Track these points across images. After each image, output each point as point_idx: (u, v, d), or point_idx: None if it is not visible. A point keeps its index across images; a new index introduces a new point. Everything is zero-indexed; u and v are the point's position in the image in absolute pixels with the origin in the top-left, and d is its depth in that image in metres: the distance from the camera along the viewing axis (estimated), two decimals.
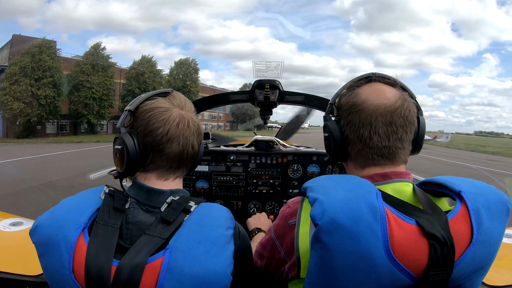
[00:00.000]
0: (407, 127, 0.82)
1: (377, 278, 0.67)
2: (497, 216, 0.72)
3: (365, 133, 0.82)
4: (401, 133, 0.82)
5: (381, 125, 0.81)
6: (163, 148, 0.84)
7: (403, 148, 0.84)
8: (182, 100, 0.90)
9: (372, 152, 0.83)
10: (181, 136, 0.86)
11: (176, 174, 0.90)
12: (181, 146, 0.86)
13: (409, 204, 0.74)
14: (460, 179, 0.79)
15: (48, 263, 0.74)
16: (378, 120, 0.81)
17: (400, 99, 0.82)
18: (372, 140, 0.82)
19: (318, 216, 0.69)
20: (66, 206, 0.80)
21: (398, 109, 0.81)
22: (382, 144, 0.82)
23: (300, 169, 2.02)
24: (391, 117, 0.81)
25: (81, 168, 10.67)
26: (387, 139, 0.82)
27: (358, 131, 0.83)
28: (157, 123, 0.83)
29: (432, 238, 0.67)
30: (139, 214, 0.81)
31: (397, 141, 0.82)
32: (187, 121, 0.87)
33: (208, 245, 0.74)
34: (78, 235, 0.74)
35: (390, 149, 0.82)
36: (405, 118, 0.82)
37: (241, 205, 2.03)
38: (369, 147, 0.83)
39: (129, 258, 0.72)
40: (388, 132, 0.81)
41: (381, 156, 0.83)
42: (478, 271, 0.72)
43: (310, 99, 1.87)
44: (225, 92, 1.97)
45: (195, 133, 0.89)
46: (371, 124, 0.82)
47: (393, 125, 0.81)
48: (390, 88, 0.85)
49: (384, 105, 0.81)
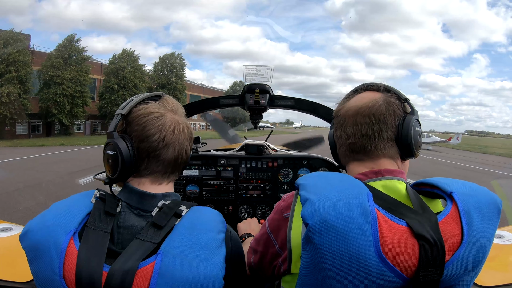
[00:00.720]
0: (374, 124, 0.85)
1: (368, 278, 0.67)
2: (488, 217, 0.73)
3: (338, 133, 0.93)
4: (366, 130, 0.86)
5: (348, 125, 0.89)
6: (159, 154, 0.84)
7: (375, 144, 0.86)
8: (174, 105, 0.90)
9: (344, 148, 0.91)
10: (176, 142, 0.86)
11: (170, 179, 0.90)
12: (177, 152, 0.87)
13: (400, 203, 0.75)
14: (453, 180, 0.80)
15: (38, 269, 0.74)
16: (346, 121, 0.89)
17: (373, 101, 0.87)
18: (342, 138, 0.91)
19: (308, 216, 0.69)
20: (56, 210, 0.80)
21: (368, 108, 0.86)
22: (349, 141, 0.89)
23: (291, 173, 2.02)
24: (356, 116, 0.87)
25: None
26: (352, 136, 0.88)
27: (336, 133, 0.94)
28: (153, 129, 0.83)
29: (421, 239, 0.68)
30: (130, 218, 0.80)
31: (363, 137, 0.86)
32: (182, 126, 0.88)
33: (200, 249, 0.74)
34: (69, 240, 0.73)
35: (357, 145, 0.88)
36: (372, 116, 0.85)
37: (231, 209, 2.02)
38: (341, 145, 0.92)
39: (121, 263, 0.71)
40: (354, 130, 0.87)
41: (352, 151, 0.89)
42: (469, 271, 0.73)
43: (300, 103, 1.88)
44: (215, 97, 1.97)
45: (189, 138, 0.91)
46: (342, 125, 0.90)
47: (358, 124, 0.87)
48: (373, 93, 0.89)
49: (355, 107, 0.89)
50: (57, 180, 9.19)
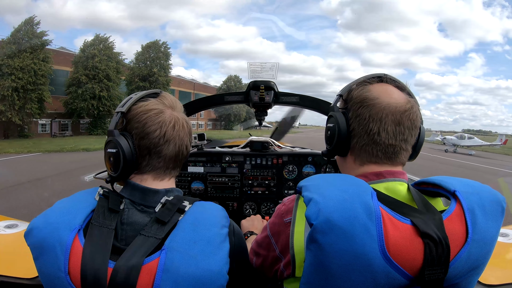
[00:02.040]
0: (412, 130, 0.84)
1: (373, 278, 0.67)
2: (491, 215, 0.73)
3: (374, 128, 0.82)
4: (407, 135, 0.83)
5: (390, 123, 0.82)
6: (161, 150, 0.85)
7: (406, 150, 0.85)
8: (173, 101, 0.91)
9: (378, 148, 0.83)
10: (177, 138, 0.87)
11: (172, 174, 0.90)
12: (177, 147, 0.87)
13: (404, 204, 0.75)
14: (455, 179, 0.79)
15: (43, 266, 0.74)
16: (388, 117, 0.82)
17: (409, 102, 0.84)
18: (380, 136, 0.82)
19: (313, 216, 0.69)
20: (61, 208, 0.80)
21: (408, 111, 0.82)
22: (389, 142, 0.82)
23: (296, 169, 2.03)
24: (401, 117, 0.82)
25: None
26: (394, 137, 0.82)
27: (367, 125, 0.83)
28: (154, 125, 0.84)
29: (426, 238, 0.67)
30: (134, 214, 0.81)
31: (403, 141, 0.83)
32: (182, 122, 0.89)
33: (204, 244, 0.74)
34: (73, 237, 0.74)
35: (395, 148, 0.83)
36: (412, 121, 0.83)
37: (236, 206, 2.03)
38: (375, 143, 0.83)
39: (125, 259, 0.72)
40: (396, 131, 0.82)
41: (385, 154, 0.83)
42: (473, 270, 0.72)
43: (305, 100, 1.87)
44: (220, 94, 1.97)
45: (188, 134, 0.91)
46: (381, 120, 0.82)
47: (401, 125, 0.82)
48: (399, 91, 0.86)
49: (395, 104, 0.82)
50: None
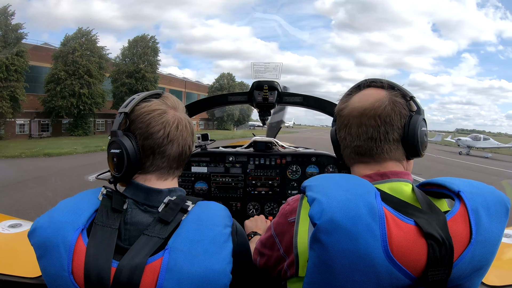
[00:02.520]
0: (381, 127, 0.83)
1: (376, 278, 0.67)
2: (496, 216, 0.72)
3: (342, 134, 0.90)
4: (371, 133, 0.84)
5: (353, 126, 0.86)
6: (164, 150, 0.85)
7: (381, 147, 0.84)
8: (175, 102, 0.92)
9: (349, 151, 0.89)
10: (180, 138, 0.87)
11: (175, 174, 0.91)
12: (181, 147, 0.88)
13: (408, 204, 0.74)
14: (459, 179, 0.79)
15: (47, 265, 0.74)
16: (350, 122, 0.87)
17: (378, 101, 0.84)
18: (346, 140, 0.89)
19: (316, 215, 0.69)
20: (64, 207, 0.80)
21: (369, 110, 0.84)
22: (354, 144, 0.87)
23: (299, 170, 2.02)
24: (360, 118, 0.85)
25: None
26: (358, 138, 0.86)
27: (340, 134, 0.91)
28: (158, 125, 0.84)
29: (430, 238, 0.67)
30: (137, 214, 0.81)
31: (369, 140, 0.84)
32: (184, 122, 0.89)
33: (207, 244, 0.74)
34: (77, 237, 0.74)
35: (362, 148, 0.86)
36: (378, 118, 0.83)
37: (240, 206, 2.02)
38: (346, 146, 0.90)
39: (129, 258, 0.72)
40: (359, 132, 0.86)
41: (358, 154, 0.88)
42: (477, 271, 0.72)
43: (309, 100, 1.87)
44: (224, 94, 1.97)
45: (191, 134, 0.92)
46: (346, 126, 0.88)
47: (363, 125, 0.85)
48: (377, 91, 0.87)
49: (358, 108, 0.86)
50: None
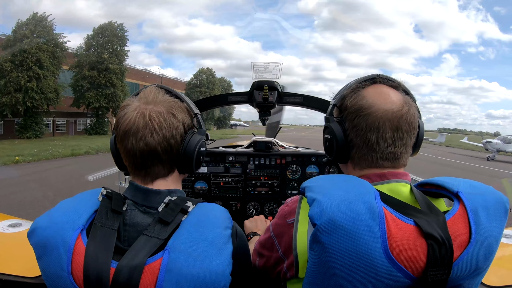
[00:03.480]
0: (411, 132, 0.83)
1: (376, 278, 0.67)
2: (495, 216, 0.72)
3: (372, 138, 0.82)
4: (406, 139, 0.82)
5: (388, 130, 0.81)
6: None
7: (407, 152, 0.85)
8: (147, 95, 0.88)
9: (378, 156, 0.83)
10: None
11: (176, 175, 0.89)
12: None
13: (407, 204, 0.74)
14: (458, 179, 0.79)
15: (46, 265, 0.74)
16: (385, 125, 0.80)
17: (406, 104, 0.82)
18: (379, 145, 0.82)
19: (316, 216, 0.69)
20: (64, 208, 0.80)
21: (405, 115, 0.81)
22: (389, 150, 0.82)
23: (299, 170, 2.02)
24: (398, 122, 0.81)
25: None
26: (393, 144, 0.82)
27: (365, 136, 0.82)
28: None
29: (430, 238, 0.67)
30: (137, 215, 0.81)
31: (402, 146, 0.83)
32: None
33: (207, 245, 0.74)
34: (76, 237, 0.74)
35: (396, 154, 0.83)
36: (410, 124, 0.82)
37: (240, 206, 2.03)
38: (375, 151, 0.83)
39: (128, 259, 0.72)
40: (395, 138, 0.81)
41: (386, 160, 0.83)
42: (476, 271, 0.72)
43: (309, 100, 1.86)
44: (223, 94, 1.96)
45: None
46: (379, 129, 0.81)
47: (399, 130, 0.81)
48: (394, 92, 0.84)
49: (391, 110, 0.81)
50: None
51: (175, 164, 0.87)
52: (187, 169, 0.89)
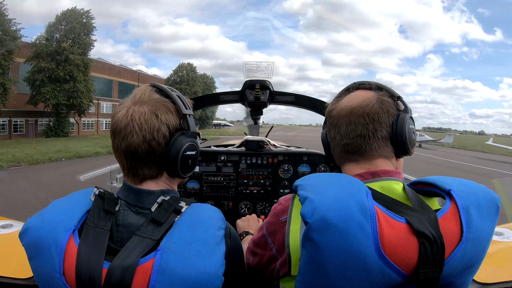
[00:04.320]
0: (368, 124, 0.85)
1: (368, 276, 0.67)
2: (487, 214, 0.73)
3: (332, 134, 0.91)
4: (360, 130, 0.85)
5: (342, 125, 0.88)
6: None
7: (370, 144, 0.85)
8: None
9: (339, 149, 0.90)
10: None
11: (167, 176, 0.87)
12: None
13: (399, 202, 0.75)
14: (450, 178, 0.80)
15: (38, 266, 0.74)
16: (340, 120, 0.88)
17: (366, 100, 0.85)
18: (336, 139, 0.90)
19: (308, 214, 0.69)
20: (56, 208, 0.80)
21: (357, 109, 0.85)
22: (344, 142, 0.88)
23: (291, 169, 2.03)
24: (349, 116, 0.86)
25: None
26: (346, 136, 0.87)
27: (330, 134, 0.93)
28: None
29: (421, 236, 0.68)
30: (129, 216, 0.80)
31: (358, 137, 0.85)
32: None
33: (200, 246, 0.73)
34: (68, 237, 0.73)
35: (351, 145, 0.87)
36: (366, 116, 0.84)
37: (232, 205, 2.03)
38: (336, 145, 0.91)
39: (120, 259, 0.71)
40: (348, 131, 0.87)
41: (347, 152, 0.88)
42: (468, 268, 0.73)
43: (300, 100, 1.87)
44: (215, 93, 1.96)
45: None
46: (336, 125, 0.89)
47: (352, 123, 0.86)
48: (365, 92, 0.88)
49: (347, 107, 0.87)
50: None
51: (162, 167, 0.85)
52: (174, 173, 0.86)
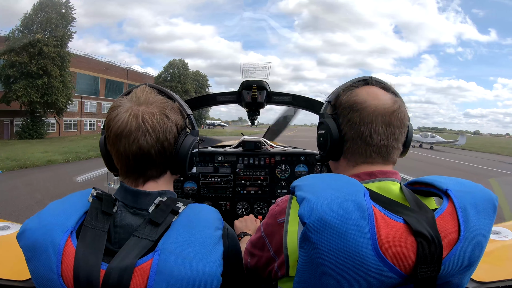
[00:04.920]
0: (402, 128, 0.86)
1: (366, 276, 0.68)
2: (484, 213, 0.74)
3: (365, 131, 0.85)
4: (397, 134, 0.85)
5: (381, 125, 0.84)
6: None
7: (398, 148, 0.88)
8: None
9: (371, 149, 0.85)
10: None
11: (166, 177, 0.88)
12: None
13: (397, 202, 0.75)
14: (448, 178, 0.80)
15: (36, 268, 0.73)
16: (378, 119, 0.84)
17: (396, 103, 0.86)
18: (372, 138, 0.84)
19: (306, 215, 0.69)
20: (54, 209, 0.79)
21: (396, 111, 0.85)
22: (381, 143, 0.85)
23: (288, 169, 2.03)
24: (390, 118, 0.84)
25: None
26: (385, 138, 0.85)
27: (359, 129, 0.85)
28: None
29: (419, 236, 0.68)
30: (127, 217, 0.80)
31: (394, 141, 0.85)
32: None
33: (197, 246, 0.73)
34: (66, 239, 0.73)
35: (387, 148, 0.85)
36: (401, 120, 0.86)
37: (229, 206, 2.03)
38: (368, 144, 0.85)
39: (118, 261, 0.71)
40: (387, 132, 0.84)
41: (379, 154, 0.86)
42: (466, 267, 0.73)
43: (297, 100, 1.87)
44: (213, 93, 1.96)
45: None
46: (372, 123, 0.84)
47: (391, 125, 0.85)
48: (385, 92, 0.88)
49: (383, 106, 0.85)
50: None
51: (168, 166, 0.87)
52: (180, 171, 0.88)
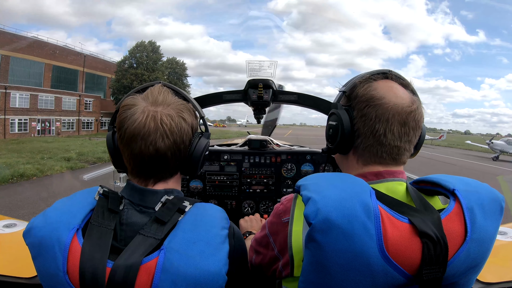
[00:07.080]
0: (417, 130, 0.83)
1: (371, 276, 0.67)
2: (490, 214, 0.73)
3: (380, 128, 0.81)
4: (411, 136, 0.82)
5: (396, 124, 0.80)
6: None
7: (409, 150, 0.85)
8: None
9: (383, 149, 0.82)
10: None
11: (174, 176, 0.89)
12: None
13: (402, 203, 0.74)
14: (454, 177, 0.79)
15: (42, 265, 0.74)
16: (394, 118, 0.80)
17: (414, 102, 0.82)
18: (386, 137, 0.81)
19: (311, 215, 0.69)
20: (60, 207, 0.80)
21: (413, 112, 0.81)
22: (394, 143, 0.81)
23: (294, 168, 2.03)
24: (406, 118, 0.81)
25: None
26: (399, 139, 0.81)
27: (373, 126, 0.81)
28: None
29: (425, 237, 0.67)
30: (133, 215, 0.80)
31: (407, 142, 0.82)
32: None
33: (203, 245, 0.73)
34: (72, 237, 0.74)
35: (400, 149, 0.82)
36: (417, 122, 0.82)
37: (235, 204, 2.03)
38: (381, 144, 0.82)
39: (124, 258, 0.71)
40: (402, 133, 0.81)
41: (390, 155, 0.82)
42: (472, 268, 0.72)
43: (303, 99, 1.86)
44: (219, 92, 1.95)
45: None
46: (388, 121, 0.80)
47: (406, 126, 0.81)
48: (404, 89, 0.84)
49: (401, 105, 0.80)
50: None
51: (180, 167, 0.88)
52: (191, 172, 0.89)
